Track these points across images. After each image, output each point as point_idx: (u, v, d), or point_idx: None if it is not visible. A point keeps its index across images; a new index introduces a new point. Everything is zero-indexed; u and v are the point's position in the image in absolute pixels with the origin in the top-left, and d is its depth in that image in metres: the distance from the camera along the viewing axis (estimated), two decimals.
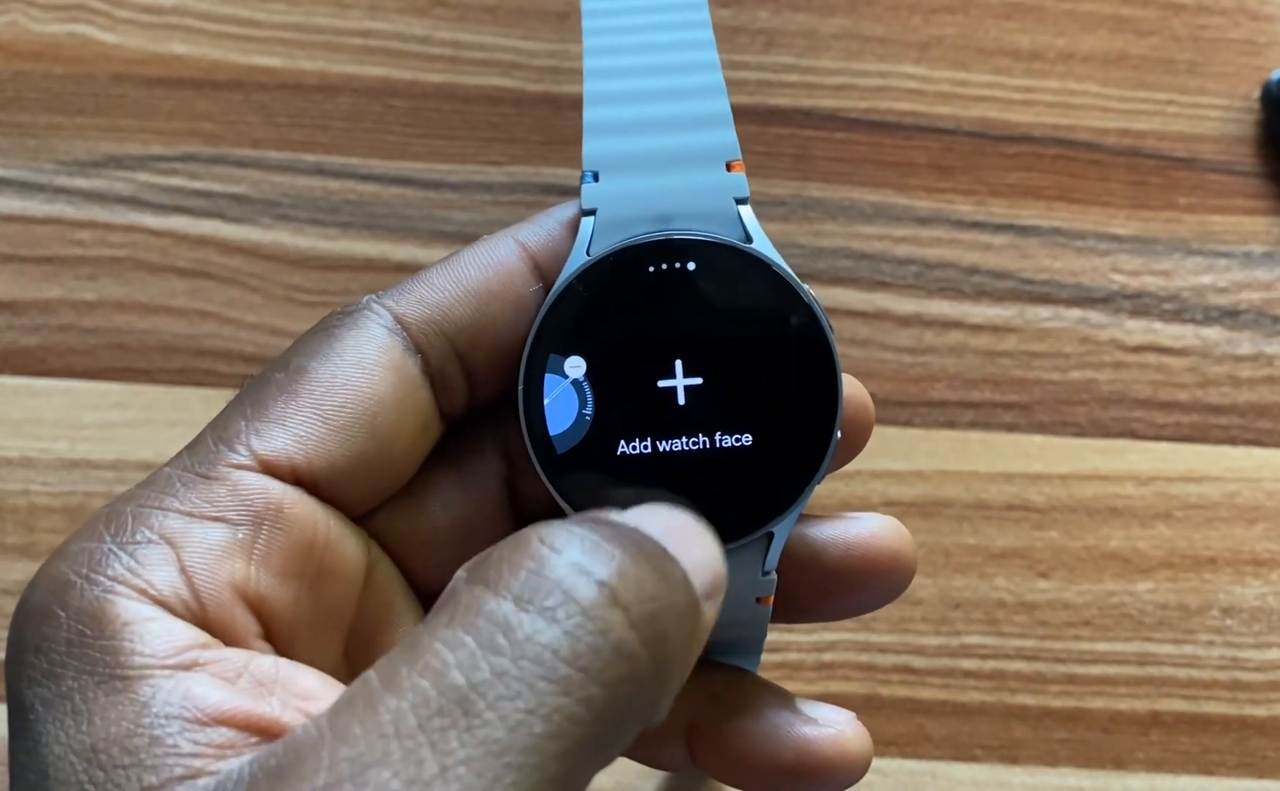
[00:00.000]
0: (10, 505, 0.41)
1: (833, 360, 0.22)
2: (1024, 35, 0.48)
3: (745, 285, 0.22)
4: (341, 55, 0.47)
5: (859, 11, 0.48)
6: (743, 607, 0.22)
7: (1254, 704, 0.40)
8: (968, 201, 0.46)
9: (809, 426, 0.22)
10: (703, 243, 0.22)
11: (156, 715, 0.17)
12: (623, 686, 0.16)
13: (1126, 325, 0.44)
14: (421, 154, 0.46)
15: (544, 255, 0.22)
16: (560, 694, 0.15)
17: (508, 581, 0.16)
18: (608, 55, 0.23)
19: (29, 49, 0.47)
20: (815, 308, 0.22)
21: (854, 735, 0.22)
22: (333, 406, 0.21)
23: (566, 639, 0.16)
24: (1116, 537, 0.42)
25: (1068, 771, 0.40)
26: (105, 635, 0.18)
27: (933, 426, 0.43)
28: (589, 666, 0.16)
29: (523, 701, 0.15)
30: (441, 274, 0.22)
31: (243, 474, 0.20)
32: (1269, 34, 0.49)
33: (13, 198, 0.45)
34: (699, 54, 0.23)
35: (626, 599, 0.16)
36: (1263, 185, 0.47)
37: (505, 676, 0.15)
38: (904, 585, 0.23)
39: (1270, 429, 0.43)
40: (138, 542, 0.19)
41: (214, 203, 0.45)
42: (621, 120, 0.23)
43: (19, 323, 0.43)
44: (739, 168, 0.22)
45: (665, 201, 0.22)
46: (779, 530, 0.22)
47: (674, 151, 0.22)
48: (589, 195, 0.22)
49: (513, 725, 0.15)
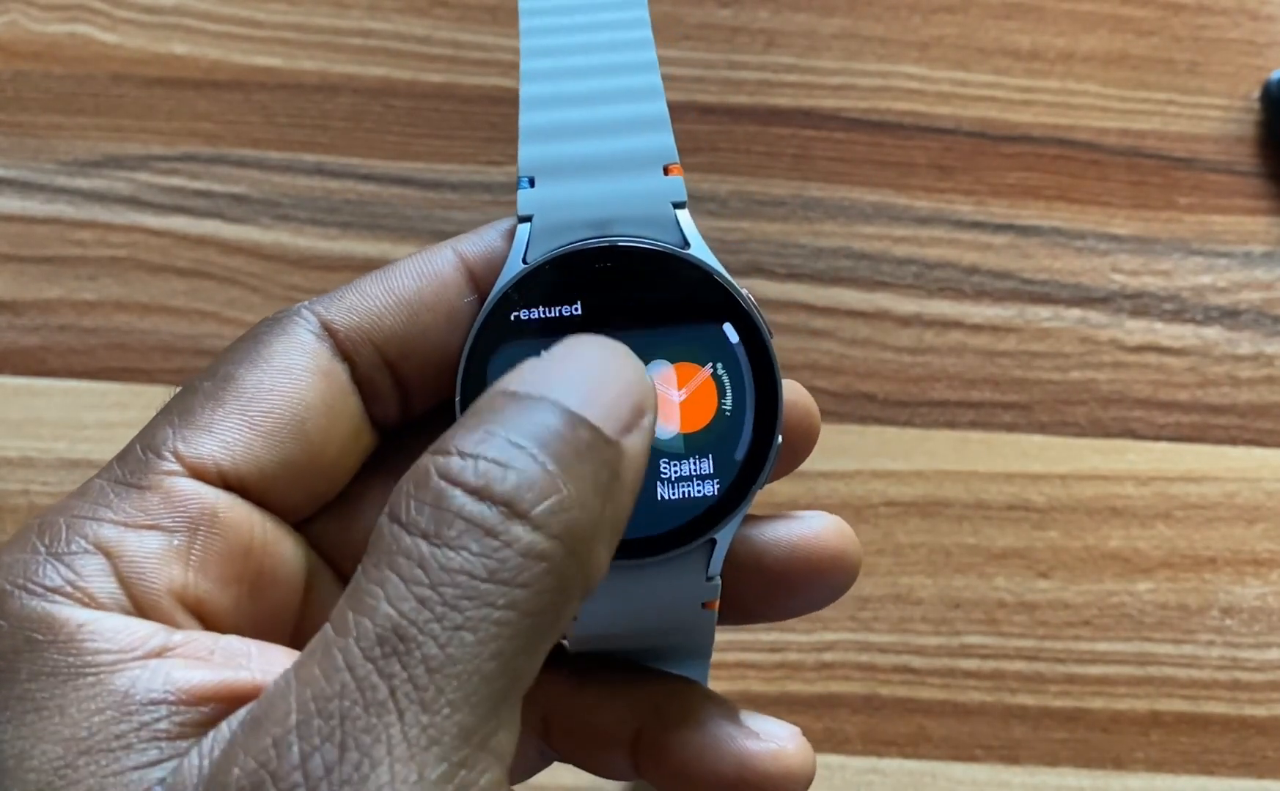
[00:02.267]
0: (10, 505, 0.41)
1: (772, 365, 0.22)
2: (1024, 35, 0.48)
3: (682, 291, 0.22)
4: (341, 55, 0.47)
5: (859, 11, 0.48)
6: (688, 614, 0.22)
7: (1254, 704, 0.40)
8: (968, 201, 0.46)
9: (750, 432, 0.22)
10: (639, 250, 0.22)
11: (140, 702, 0.17)
12: (543, 579, 0.17)
13: (1126, 325, 0.44)
14: (421, 154, 0.46)
15: (481, 266, 0.22)
16: (482, 606, 0.16)
17: (415, 519, 0.17)
18: (543, 57, 0.23)
19: (29, 49, 0.47)
20: (754, 312, 0.22)
21: (795, 750, 0.22)
22: (259, 412, 0.21)
23: (477, 560, 0.17)
24: (1116, 537, 0.42)
25: (1068, 771, 0.40)
26: (61, 636, 0.18)
27: (933, 426, 0.43)
28: (504, 577, 0.17)
29: (449, 620, 0.16)
30: (375, 282, 0.22)
31: (175, 480, 0.20)
32: (1269, 34, 0.49)
33: (13, 198, 0.45)
34: (636, 54, 0.23)
35: (526, 506, 0.17)
36: (1263, 185, 0.47)
37: (429, 603, 0.16)
38: (848, 584, 0.23)
39: (1270, 429, 0.43)
40: (73, 553, 0.19)
41: (214, 203, 0.45)
42: (557, 124, 0.22)
43: (19, 323, 0.43)
44: (677, 171, 0.22)
45: (602, 207, 0.22)
46: (721, 536, 0.22)
47: (611, 156, 0.22)
48: (525, 201, 0.22)
49: (444, 642, 0.16)
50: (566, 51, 0.23)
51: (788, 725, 0.22)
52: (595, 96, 0.23)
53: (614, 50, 0.23)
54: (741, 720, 0.22)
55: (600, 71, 0.23)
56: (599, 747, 0.23)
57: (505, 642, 0.16)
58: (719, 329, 0.22)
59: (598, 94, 0.23)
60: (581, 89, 0.23)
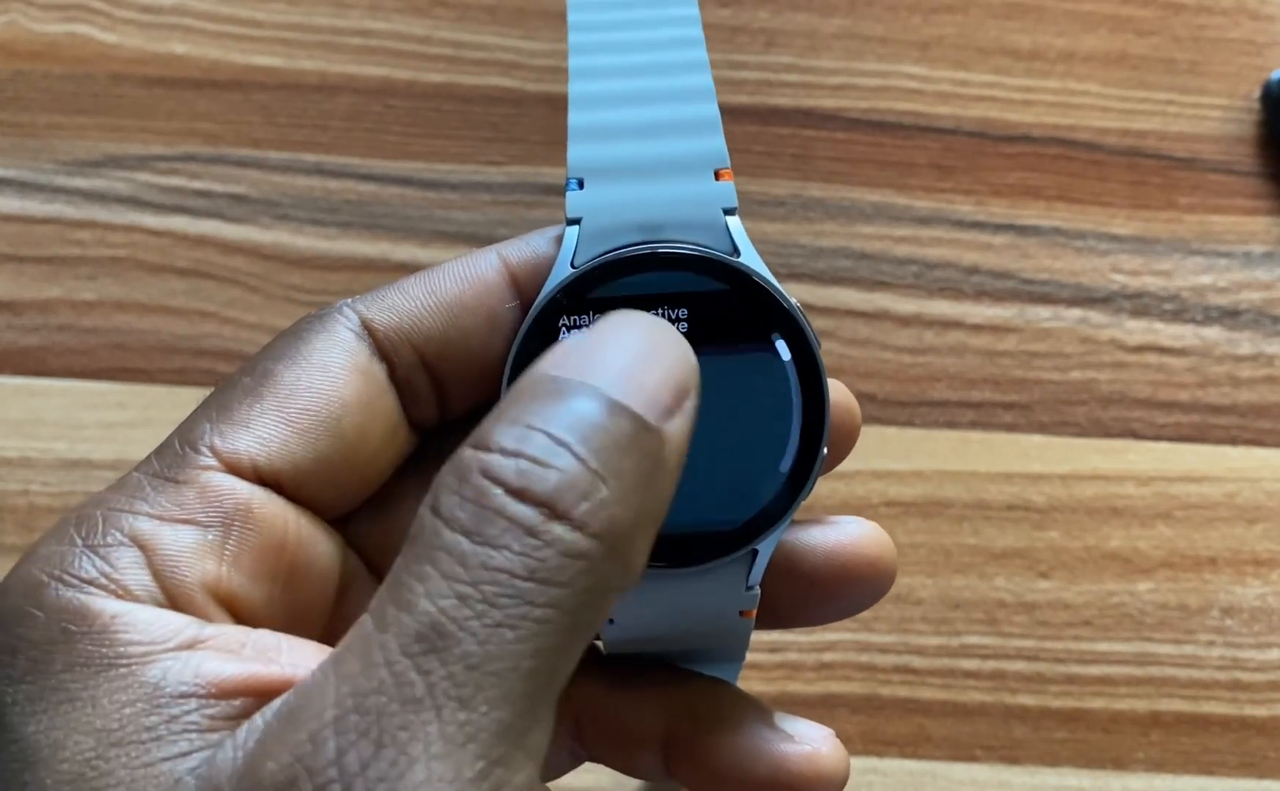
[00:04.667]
0: (10, 505, 0.41)
1: (820, 377, 0.21)
2: (1024, 35, 0.48)
3: (732, 301, 0.21)
4: (341, 55, 0.47)
5: (859, 11, 0.48)
6: (726, 622, 0.22)
7: (1254, 704, 0.40)
8: (968, 201, 0.46)
9: None
10: (689, 256, 0.21)
11: (170, 695, 0.17)
12: (583, 577, 0.17)
13: (1127, 325, 0.44)
14: (421, 154, 0.46)
15: (525, 272, 0.22)
16: (522, 604, 0.16)
17: (456, 515, 0.17)
18: (593, 54, 0.23)
19: (29, 49, 0.47)
20: (803, 323, 0.21)
21: (829, 752, 0.22)
22: (296, 408, 0.21)
23: (518, 560, 0.16)
24: (1117, 537, 0.42)
25: (1068, 771, 0.40)
26: (95, 627, 0.18)
27: (933, 426, 0.43)
28: (544, 576, 0.16)
29: (489, 618, 0.16)
30: (418, 283, 0.22)
31: (210, 475, 0.20)
32: (1269, 34, 0.49)
33: (13, 198, 0.45)
34: (688, 53, 0.23)
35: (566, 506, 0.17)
36: (1263, 185, 0.47)
37: (469, 600, 0.16)
38: (884, 590, 0.23)
39: (1270, 429, 0.43)
40: (109, 545, 0.19)
41: (214, 203, 0.45)
42: (607, 124, 0.22)
43: (19, 323, 0.43)
44: (727, 176, 0.22)
45: (652, 211, 0.21)
46: (764, 547, 0.22)
47: (661, 158, 0.22)
48: (574, 203, 0.21)
49: (483, 639, 0.16)
50: (616, 49, 0.23)
51: (822, 727, 0.22)
52: (645, 96, 0.22)
53: (664, 49, 0.23)
54: (776, 722, 0.22)
55: (651, 71, 0.23)
56: (631, 748, 0.23)
57: (544, 640, 0.16)
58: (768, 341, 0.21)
59: (648, 94, 0.22)
60: (631, 88, 0.22)
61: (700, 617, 0.22)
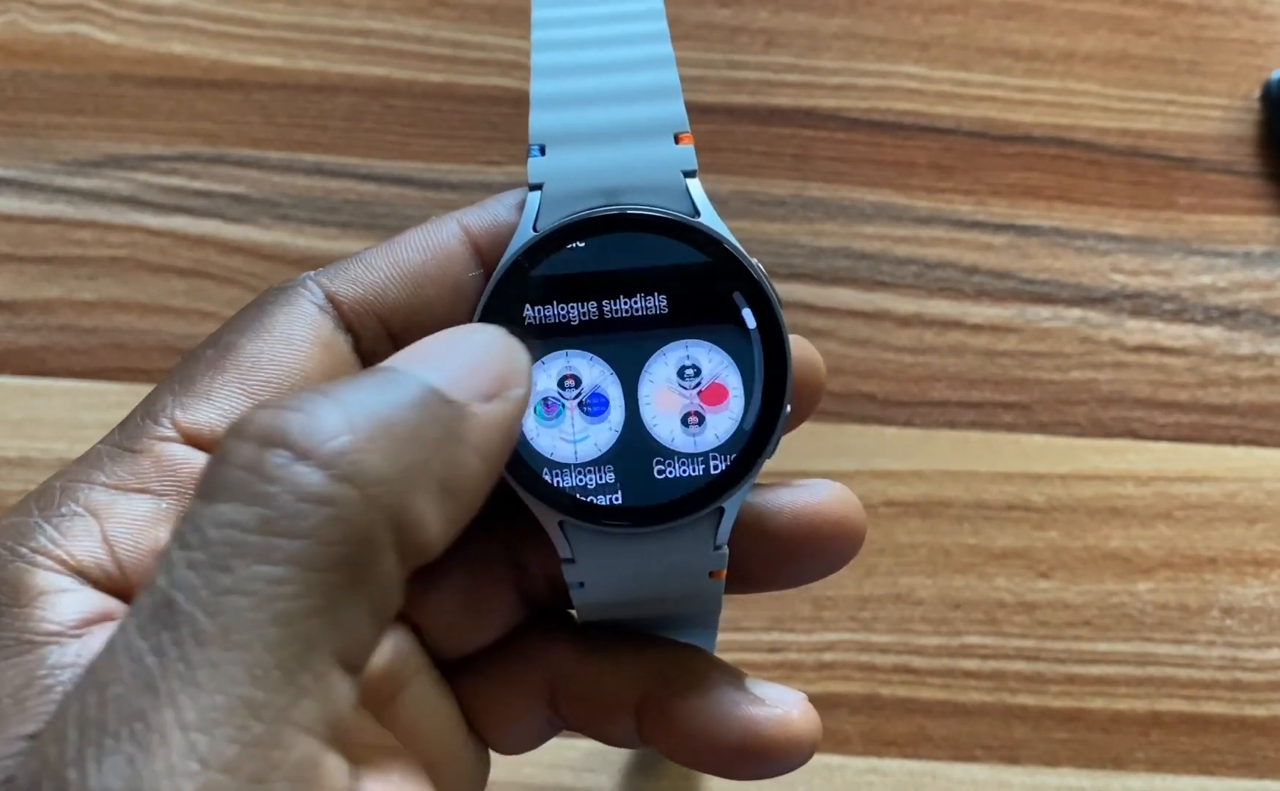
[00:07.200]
0: (10, 505, 0.41)
1: (780, 333, 0.22)
2: (1024, 35, 0.48)
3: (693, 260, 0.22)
4: (341, 55, 0.47)
5: (859, 11, 0.48)
6: (696, 583, 0.22)
7: (1254, 704, 0.40)
8: (968, 201, 0.46)
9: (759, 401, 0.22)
10: (649, 217, 0.22)
11: (52, 667, 0.17)
12: (330, 527, 0.16)
13: (1127, 325, 0.44)
14: (421, 154, 0.46)
15: (486, 239, 0.22)
16: (254, 563, 0.15)
17: (201, 483, 0.16)
18: (555, 27, 0.23)
19: (29, 49, 0.47)
20: (763, 281, 0.22)
21: (800, 716, 0.22)
22: (258, 380, 0.21)
23: (246, 511, 0.15)
24: (1117, 537, 0.42)
25: (1068, 771, 0.40)
26: (20, 603, 0.18)
27: (933, 426, 0.43)
28: (282, 527, 0.15)
29: (216, 584, 0.15)
30: (380, 254, 0.22)
31: (166, 445, 0.20)
32: (1269, 34, 0.49)
33: (12, 198, 0.45)
34: (648, 24, 0.23)
35: (308, 447, 0.16)
36: (1263, 185, 0.47)
37: (198, 566, 0.15)
38: (852, 552, 0.23)
39: (1271, 429, 0.43)
40: (62, 515, 0.19)
41: (214, 203, 0.45)
42: (569, 92, 0.22)
43: (19, 323, 0.43)
44: (687, 140, 0.22)
45: (613, 175, 0.22)
46: (729, 505, 0.22)
47: (622, 123, 0.22)
48: (535, 169, 0.22)
49: (212, 610, 0.15)
50: (578, 22, 0.23)
51: (793, 691, 0.22)
52: (606, 66, 0.23)
53: (625, 21, 0.23)
54: (747, 686, 0.22)
55: (611, 42, 0.23)
56: (605, 715, 0.23)
57: (288, 604, 0.15)
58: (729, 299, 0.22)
59: (608, 64, 0.23)
60: (592, 58, 0.23)
61: (670, 579, 0.22)
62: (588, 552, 0.22)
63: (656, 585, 0.22)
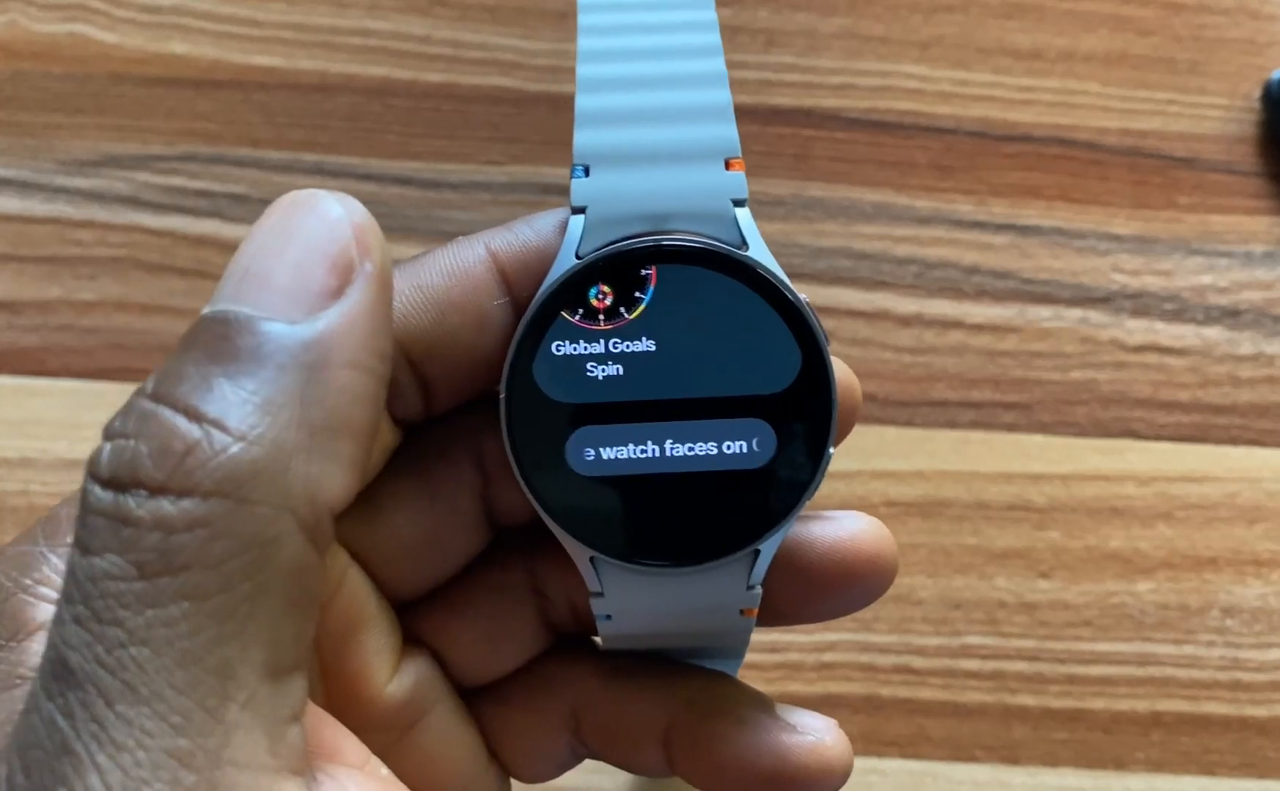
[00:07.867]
0: (10, 505, 0.41)
1: (827, 375, 0.21)
2: (1024, 35, 0.48)
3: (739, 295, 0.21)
4: (341, 55, 0.47)
5: (859, 11, 0.48)
6: (726, 620, 0.22)
7: (1255, 704, 0.40)
8: (968, 201, 0.46)
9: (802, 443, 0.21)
10: (696, 249, 0.20)
11: None
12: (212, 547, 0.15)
13: (1127, 325, 0.44)
14: (421, 154, 0.46)
15: (515, 266, 0.21)
16: (143, 610, 0.14)
17: (75, 528, 0.15)
18: (603, 36, 0.22)
19: (29, 49, 0.47)
20: (811, 320, 0.21)
21: (834, 743, 0.21)
22: None
23: (120, 561, 0.15)
24: (1117, 538, 0.42)
25: (1068, 772, 0.40)
26: (18, 637, 0.18)
27: (933, 426, 0.43)
28: (157, 568, 0.15)
29: (110, 638, 0.14)
30: (403, 277, 0.21)
31: None
32: (1269, 34, 0.49)
33: (12, 197, 0.45)
34: (701, 36, 0.22)
35: (164, 476, 0.15)
36: (1263, 185, 0.47)
37: (85, 622, 0.15)
38: (885, 587, 0.22)
39: (1271, 429, 0.43)
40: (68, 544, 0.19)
41: (214, 202, 0.45)
42: (616, 109, 0.21)
43: (18, 323, 0.43)
44: (738, 166, 0.21)
45: (660, 200, 0.21)
46: (766, 547, 0.21)
47: (671, 146, 0.21)
48: (579, 191, 0.21)
49: (112, 666, 0.14)
50: (627, 31, 0.22)
51: (825, 718, 0.22)
52: (656, 80, 0.21)
53: (676, 32, 0.22)
54: (778, 713, 0.22)
55: (662, 55, 0.22)
56: (631, 743, 0.23)
57: (189, 641, 0.14)
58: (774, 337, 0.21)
59: (659, 78, 0.21)
60: (642, 72, 0.21)
61: (701, 616, 0.22)
62: (617, 587, 0.21)
63: (687, 621, 0.22)
